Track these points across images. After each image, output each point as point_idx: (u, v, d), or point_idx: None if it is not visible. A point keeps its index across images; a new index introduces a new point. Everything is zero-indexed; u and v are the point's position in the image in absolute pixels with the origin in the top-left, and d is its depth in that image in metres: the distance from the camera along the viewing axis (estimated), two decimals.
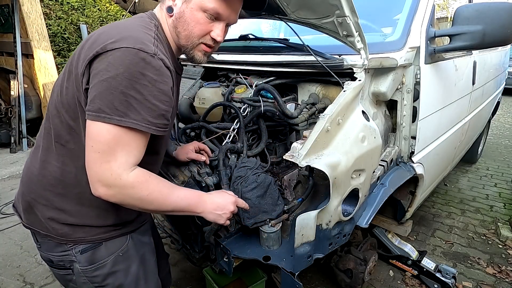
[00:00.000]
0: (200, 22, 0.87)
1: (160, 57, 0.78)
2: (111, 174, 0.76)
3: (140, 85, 0.74)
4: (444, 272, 1.91)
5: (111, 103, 0.73)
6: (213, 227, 1.23)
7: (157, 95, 0.77)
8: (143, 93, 0.75)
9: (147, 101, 0.76)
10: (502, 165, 3.84)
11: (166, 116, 0.81)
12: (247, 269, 1.70)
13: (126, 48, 0.73)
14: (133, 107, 0.74)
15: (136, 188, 0.80)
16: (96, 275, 0.93)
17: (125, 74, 0.73)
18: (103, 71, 0.73)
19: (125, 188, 0.78)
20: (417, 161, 1.61)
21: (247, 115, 1.45)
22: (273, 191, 1.21)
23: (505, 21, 1.38)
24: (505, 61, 3.40)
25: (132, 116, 0.74)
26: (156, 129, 0.80)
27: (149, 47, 0.76)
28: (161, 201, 0.85)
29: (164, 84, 0.78)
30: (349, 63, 1.23)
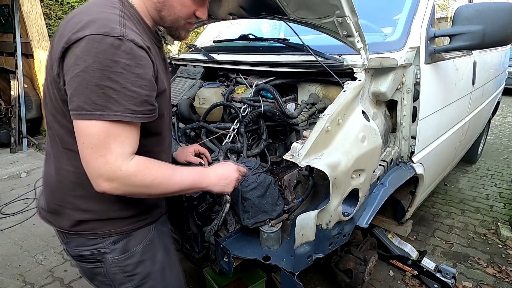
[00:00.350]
0: (186, 5, 0.86)
1: (130, 38, 0.72)
2: (110, 167, 0.74)
3: (114, 73, 0.69)
4: (444, 272, 1.91)
5: (88, 98, 0.69)
6: (213, 227, 1.23)
7: (135, 80, 0.72)
8: (119, 81, 0.70)
9: (126, 89, 0.71)
10: (502, 165, 3.84)
11: (149, 101, 0.77)
12: (247, 269, 1.70)
13: (90, 36, 0.69)
14: (112, 98, 0.70)
15: (138, 176, 0.78)
16: (128, 264, 0.95)
17: (95, 64, 0.68)
18: (73, 66, 0.70)
19: (128, 178, 0.77)
20: (417, 161, 1.61)
21: (247, 115, 1.45)
22: (273, 191, 1.21)
23: (505, 21, 1.38)
24: (505, 61, 3.40)
25: (114, 108, 0.71)
26: (142, 117, 0.76)
27: (115, 30, 0.70)
28: (166, 184, 0.85)
29: (139, 68, 0.73)
30: (349, 63, 1.23)
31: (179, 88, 1.85)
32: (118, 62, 0.70)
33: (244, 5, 1.41)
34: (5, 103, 4.53)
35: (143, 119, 0.77)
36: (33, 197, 3.21)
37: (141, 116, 0.76)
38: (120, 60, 0.70)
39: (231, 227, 1.30)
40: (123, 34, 0.71)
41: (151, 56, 0.78)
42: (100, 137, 0.72)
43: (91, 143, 0.73)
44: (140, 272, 0.98)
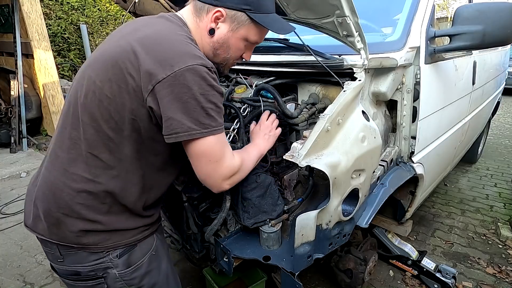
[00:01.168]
0: (240, 48, 0.99)
1: (214, 70, 0.86)
2: (231, 168, 0.92)
3: (212, 96, 0.83)
4: (444, 272, 1.91)
5: (197, 120, 0.81)
6: (213, 227, 1.24)
7: (220, 99, 0.87)
8: (215, 102, 0.84)
9: (216, 107, 0.85)
10: (502, 165, 3.84)
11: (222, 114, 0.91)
12: (247, 269, 1.70)
13: (193, 67, 0.80)
14: (212, 116, 0.84)
15: (244, 166, 0.99)
16: (134, 277, 0.94)
17: (200, 91, 0.80)
18: (180, 93, 0.79)
19: (240, 170, 0.96)
20: (417, 161, 1.61)
21: (247, 115, 1.45)
22: (273, 191, 1.21)
23: (505, 21, 1.38)
24: (505, 61, 3.40)
25: (213, 124, 0.85)
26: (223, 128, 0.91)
27: (205, 61, 0.83)
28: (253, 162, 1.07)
29: (219, 88, 0.87)
30: (349, 63, 1.23)
31: None
32: (213, 86, 0.83)
33: None
34: (5, 103, 4.53)
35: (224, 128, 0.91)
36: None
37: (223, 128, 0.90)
38: (214, 84, 0.84)
39: (231, 227, 1.30)
40: (210, 66, 0.84)
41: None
42: (214, 150, 0.87)
43: (208, 157, 0.87)
44: (146, 283, 0.97)
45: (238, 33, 0.94)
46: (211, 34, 0.94)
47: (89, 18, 6.80)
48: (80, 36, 6.39)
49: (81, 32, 6.24)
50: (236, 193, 1.20)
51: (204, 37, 0.95)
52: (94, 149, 0.85)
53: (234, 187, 1.20)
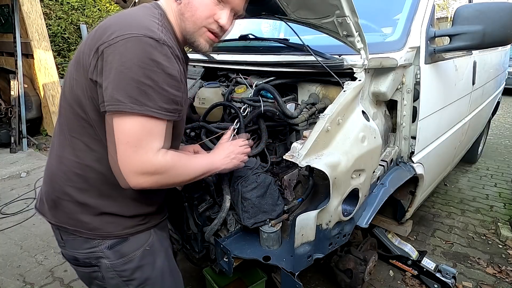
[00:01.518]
0: (208, 6, 0.88)
1: (168, 44, 0.78)
2: (146, 161, 0.78)
3: (152, 72, 0.75)
4: (444, 272, 1.91)
5: (127, 92, 0.73)
6: (213, 227, 1.23)
7: (168, 81, 0.78)
8: (155, 80, 0.75)
9: (160, 87, 0.77)
10: (502, 165, 3.84)
11: (176, 101, 0.82)
12: (247, 269, 1.70)
13: (136, 37, 0.74)
14: (147, 94, 0.75)
15: (175, 168, 0.85)
16: (125, 269, 0.95)
17: (138, 63, 0.73)
18: (116, 62, 0.74)
19: (168, 170, 0.82)
20: (417, 161, 1.61)
21: (247, 115, 1.45)
22: (273, 191, 1.21)
23: (505, 21, 1.38)
24: (505, 61, 3.40)
25: (150, 104, 0.76)
26: (170, 115, 0.81)
27: (156, 34, 0.77)
28: (192, 172, 0.92)
29: (172, 69, 0.79)
30: (349, 63, 1.23)
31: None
32: (157, 62, 0.75)
33: None
34: (5, 103, 4.53)
35: (170, 117, 0.81)
36: (33, 197, 3.21)
37: (170, 114, 0.81)
38: (159, 60, 0.76)
39: (231, 227, 1.30)
40: (161, 38, 0.77)
41: (179, 63, 0.84)
42: (137, 133, 0.76)
43: (128, 139, 0.76)
44: (138, 277, 0.97)
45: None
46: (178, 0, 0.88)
47: (89, 18, 6.80)
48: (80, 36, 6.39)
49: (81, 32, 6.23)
50: (236, 193, 1.20)
51: (174, 9, 0.89)
52: (75, 133, 0.87)
53: (234, 187, 1.20)
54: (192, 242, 1.46)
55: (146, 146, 0.78)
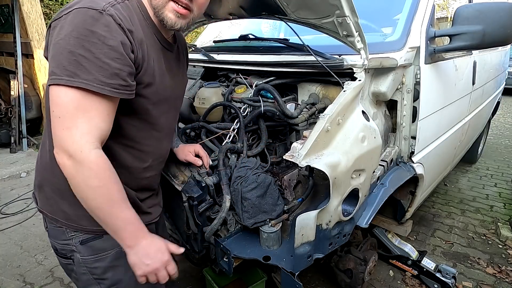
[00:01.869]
0: None
1: (110, 13, 0.73)
2: (73, 143, 0.72)
3: (88, 42, 0.70)
4: (444, 272, 1.91)
5: (61, 63, 0.70)
6: (213, 227, 1.23)
7: (108, 52, 0.72)
8: (92, 51, 0.71)
9: (98, 59, 0.71)
10: (502, 165, 3.84)
11: (121, 75, 0.75)
12: (247, 269, 1.70)
13: (77, 9, 0.72)
14: (83, 66, 0.70)
15: (93, 171, 0.73)
16: (96, 266, 0.92)
17: (73, 33, 0.70)
18: (55, 36, 0.72)
19: (82, 165, 0.72)
20: (417, 161, 1.61)
21: (247, 115, 1.45)
22: (273, 191, 1.21)
23: (505, 21, 1.38)
24: (505, 61, 3.40)
25: (83, 76, 0.70)
26: (111, 90, 0.74)
27: (98, 4, 0.73)
28: (104, 203, 0.77)
29: (113, 40, 0.73)
30: (349, 63, 1.23)
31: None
32: (94, 32, 0.71)
33: (244, 5, 1.41)
34: (5, 103, 4.53)
35: (112, 92, 0.74)
36: None
37: (110, 89, 0.73)
38: (97, 31, 0.71)
39: (231, 227, 1.30)
40: (105, 9, 0.73)
41: (130, 37, 0.77)
42: (69, 107, 0.71)
43: (60, 112, 0.72)
44: (109, 278, 0.94)
45: None
46: None
47: None
48: None
49: None
50: (236, 193, 1.20)
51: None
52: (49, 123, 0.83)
53: (234, 187, 1.20)
54: (192, 242, 1.46)
55: (79, 126, 0.72)
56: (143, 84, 0.84)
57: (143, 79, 0.83)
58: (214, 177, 1.28)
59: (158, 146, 0.99)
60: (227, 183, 1.24)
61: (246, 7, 1.42)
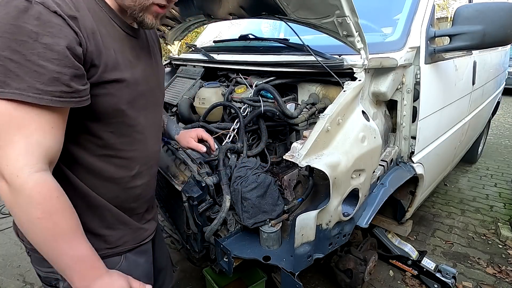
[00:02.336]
0: None
1: (45, 3, 0.58)
2: (7, 165, 0.58)
3: (16, 42, 0.56)
4: (444, 272, 1.91)
5: None
6: (213, 227, 1.24)
7: (42, 52, 0.58)
8: (22, 52, 0.56)
9: (30, 62, 0.57)
10: (502, 165, 3.84)
11: (62, 80, 0.60)
12: (247, 269, 1.70)
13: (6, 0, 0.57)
14: (12, 72, 0.57)
15: (33, 200, 0.60)
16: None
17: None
18: None
19: (20, 193, 0.59)
20: (417, 161, 1.61)
21: (247, 115, 1.45)
22: (273, 191, 1.21)
23: (505, 21, 1.38)
24: (505, 61, 3.40)
25: (13, 85, 0.57)
26: (51, 99, 0.59)
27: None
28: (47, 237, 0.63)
29: (49, 37, 0.58)
30: (349, 63, 1.23)
31: (179, 88, 1.85)
32: (22, 28, 0.56)
33: (244, 5, 1.41)
34: None
35: (53, 102, 0.60)
36: None
37: (50, 98, 0.59)
38: (26, 26, 0.57)
39: (231, 227, 1.30)
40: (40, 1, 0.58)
41: (74, 26, 0.62)
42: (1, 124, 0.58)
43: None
44: None
45: None
46: None
47: None
48: None
49: None
50: (236, 193, 1.20)
51: None
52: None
53: (234, 187, 1.20)
54: (192, 242, 1.46)
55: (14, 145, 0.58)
56: (107, 82, 0.70)
57: (104, 76, 0.69)
58: (214, 177, 1.28)
59: (144, 149, 0.85)
60: (227, 183, 1.24)
61: (246, 7, 1.42)
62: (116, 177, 0.78)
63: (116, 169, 0.79)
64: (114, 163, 0.78)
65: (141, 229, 0.91)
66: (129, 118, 0.78)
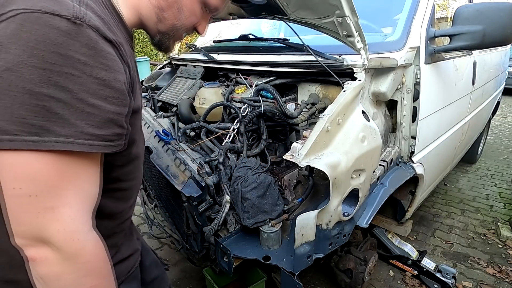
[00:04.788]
0: (195, 14, 0.71)
1: (93, 24, 0.47)
2: (61, 230, 0.48)
3: (60, 75, 0.44)
4: (444, 272, 1.91)
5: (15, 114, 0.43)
6: (213, 227, 1.24)
7: (95, 88, 0.47)
8: (68, 87, 0.45)
9: (80, 101, 0.46)
10: (502, 165, 3.84)
11: (117, 122, 0.52)
12: (247, 269, 1.70)
13: (24, 14, 0.42)
14: (57, 115, 0.45)
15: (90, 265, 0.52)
16: None
17: (31, 60, 0.42)
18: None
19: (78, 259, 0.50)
20: (417, 161, 1.61)
21: (247, 115, 1.45)
22: (273, 191, 1.21)
23: (505, 21, 1.38)
24: (505, 61, 3.40)
25: (59, 131, 0.45)
26: (105, 144, 0.50)
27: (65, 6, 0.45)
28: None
29: (103, 69, 0.48)
30: (349, 63, 1.23)
31: (179, 88, 1.85)
32: (68, 57, 0.44)
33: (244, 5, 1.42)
34: None
35: (106, 148, 0.51)
36: None
37: (103, 143, 0.50)
38: (73, 54, 0.45)
39: (231, 227, 1.30)
40: (79, 14, 0.46)
41: (124, 56, 0.54)
42: (50, 180, 0.47)
43: (33, 188, 0.46)
44: None
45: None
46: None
47: None
48: None
49: None
50: (236, 193, 1.20)
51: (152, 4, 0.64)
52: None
53: (234, 187, 1.20)
54: (192, 242, 1.46)
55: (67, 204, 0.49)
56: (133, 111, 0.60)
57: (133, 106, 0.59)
58: (214, 177, 1.28)
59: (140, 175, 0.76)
60: (227, 183, 1.24)
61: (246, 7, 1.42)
62: (116, 211, 0.68)
63: (115, 203, 0.68)
64: (114, 197, 0.67)
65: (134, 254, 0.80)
66: (136, 146, 0.68)
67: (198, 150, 1.49)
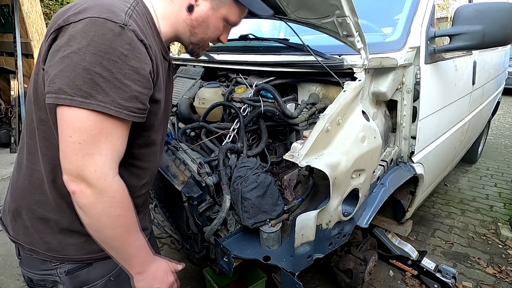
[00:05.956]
0: (219, 28, 0.91)
1: (132, 28, 0.67)
2: (95, 171, 0.66)
3: (107, 60, 0.63)
4: (444, 272, 1.91)
5: (73, 81, 0.62)
6: (213, 227, 1.24)
7: (128, 73, 0.66)
8: (111, 70, 0.64)
9: (117, 79, 0.65)
10: (502, 165, 3.84)
11: (140, 99, 0.69)
12: (247, 269, 1.70)
13: (90, 19, 0.63)
14: (100, 86, 0.63)
15: (115, 200, 0.70)
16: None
17: (89, 48, 0.62)
18: (64, 46, 0.63)
19: (106, 193, 0.68)
20: (417, 161, 1.61)
21: (247, 115, 1.45)
22: (273, 191, 1.21)
23: (505, 21, 1.38)
24: (505, 61, 3.40)
25: (99, 98, 0.64)
26: (129, 114, 0.68)
27: (118, 17, 0.65)
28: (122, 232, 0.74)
29: (136, 61, 0.67)
30: (349, 63, 1.23)
31: (179, 88, 1.85)
32: (114, 49, 0.64)
33: None
34: (5, 103, 4.53)
35: (130, 116, 0.68)
36: None
37: (127, 113, 0.67)
38: (117, 48, 0.64)
39: (231, 227, 1.30)
40: (126, 23, 0.66)
41: (151, 54, 0.72)
42: (92, 132, 0.65)
43: (81, 137, 0.64)
44: None
45: (219, 12, 0.86)
46: (190, 11, 0.83)
47: None
48: None
49: None
50: (236, 193, 1.20)
51: (180, 13, 0.83)
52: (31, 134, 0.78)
53: (234, 187, 1.20)
54: (192, 242, 1.46)
55: (102, 152, 0.67)
56: (154, 101, 0.78)
57: (154, 95, 0.77)
58: (214, 177, 1.28)
59: (155, 161, 0.94)
60: (227, 183, 1.24)
61: None
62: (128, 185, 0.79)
63: (129, 177, 0.82)
64: (130, 171, 0.83)
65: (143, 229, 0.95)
66: (155, 133, 0.87)
67: (198, 150, 1.49)
